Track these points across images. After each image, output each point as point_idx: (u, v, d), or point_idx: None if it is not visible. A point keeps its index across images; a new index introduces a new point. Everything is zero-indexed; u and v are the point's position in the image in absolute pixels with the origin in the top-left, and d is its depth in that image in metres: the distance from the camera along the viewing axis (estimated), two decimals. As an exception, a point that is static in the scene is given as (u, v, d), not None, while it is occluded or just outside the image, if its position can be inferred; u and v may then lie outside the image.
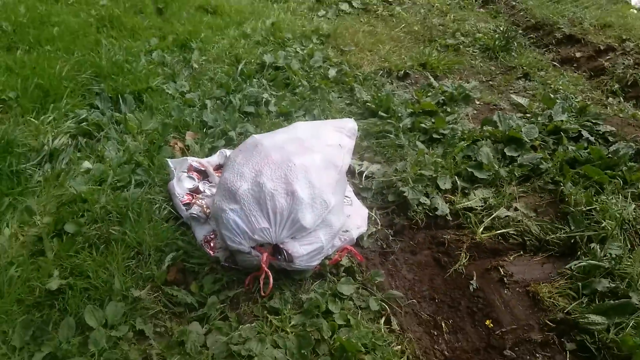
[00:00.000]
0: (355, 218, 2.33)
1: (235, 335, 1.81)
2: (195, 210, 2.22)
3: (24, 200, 2.39)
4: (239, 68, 3.54)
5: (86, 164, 2.62)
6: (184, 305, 1.94)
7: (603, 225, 2.27)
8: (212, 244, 2.15)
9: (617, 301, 1.95)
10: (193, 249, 2.15)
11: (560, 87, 3.60)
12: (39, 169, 2.60)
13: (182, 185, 2.37)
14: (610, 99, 3.59)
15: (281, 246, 1.93)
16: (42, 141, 2.75)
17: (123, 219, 2.25)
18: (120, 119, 2.94)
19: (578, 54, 4.17)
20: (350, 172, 2.70)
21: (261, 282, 1.93)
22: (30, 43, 3.77)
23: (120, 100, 3.08)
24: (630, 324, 1.89)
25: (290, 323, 1.88)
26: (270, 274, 1.91)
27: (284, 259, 1.95)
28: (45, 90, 3.15)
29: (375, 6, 4.80)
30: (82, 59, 3.52)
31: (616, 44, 4.09)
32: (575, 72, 3.98)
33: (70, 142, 2.78)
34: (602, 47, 4.11)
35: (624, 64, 3.83)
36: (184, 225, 2.27)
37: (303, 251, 1.93)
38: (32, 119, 2.92)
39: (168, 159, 2.55)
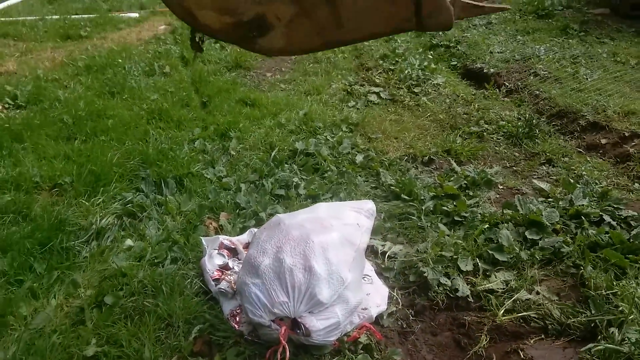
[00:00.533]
0: (375, 296, 2.42)
1: (254, 407, 1.89)
2: (223, 285, 2.38)
3: (70, 274, 2.61)
4: (272, 154, 3.82)
5: (128, 242, 2.85)
6: (208, 376, 2.05)
7: (621, 309, 2.28)
8: (237, 319, 2.27)
9: (636, 386, 1.94)
10: (219, 322, 2.28)
11: (584, 173, 3.68)
12: (86, 246, 2.85)
13: (213, 261, 2.54)
14: (637, 184, 3.63)
15: (299, 320, 2.04)
16: (91, 221, 3.03)
17: (157, 292, 2.42)
18: (162, 201, 3.21)
19: (603, 141, 4.26)
20: (373, 252, 2.82)
21: (279, 355, 2.02)
22: (87, 134, 4.19)
23: (163, 184, 3.37)
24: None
25: (307, 397, 1.95)
26: (287, 347, 2.01)
27: (302, 333, 2.05)
28: (97, 175, 3.48)
29: (402, 97, 5.10)
30: (131, 148, 3.88)
31: (640, 131, 4.17)
32: (601, 159, 4.05)
33: (115, 222, 3.04)
34: (627, 134, 4.19)
35: (649, 149, 3.90)
36: (213, 299, 2.41)
37: (320, 325, 2.03)
38: (83, 201, 3.23)
39: (202, 237, 2.75)
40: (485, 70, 5.82)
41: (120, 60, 5.99)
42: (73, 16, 8.70)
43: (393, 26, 1.61)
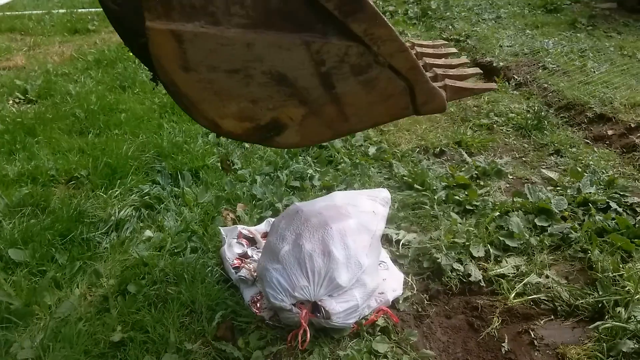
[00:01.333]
0: (391, 282, 2.48)
1: (277, 387, 1.96)
2: (243, 273, 2.45)
3: (92, 264, 2.68)
4: (286, 147, 3.88)
5: (148, 233, 2.92)
6: (232, 359, 2.12)
7: (627, 289, 2.34)
8: (258, 305, 2.34)
9: (644, 363, 2.00)
10: (241, 309, 2.35)
11: (591, 163, 3.73)
12: (106, 237, 2.92)
13: (232, 250, 2.61)
14: (643, 173, 3.69)
15: (319, 303, 2.11)
16: (110, 212, 3.10)
17: (179, 281, 2.49)
18: (178, 193, 3.28)
19: (610, 132, 4.31)
20: (388, 240, 2.88)
21: (299, 337, 2.09)
22: (100, 127, 4.25)
23: (179, 177, 3.44)
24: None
25: (328, 378, 2.02)
26: (308, 329, 2.08)
27: (322, 316, 2.12)
28: (113, 168, 3.55)
29: (412, 90, 5.15)
30: (146, 141, 3.95)
31: (647, 121, 4.22)
32: (607, 149, 4.10)
33: (134, 214, 3.11)
34: (633, 125, 4.24)
35: (655, 139, 3.95)
36: (233, 287, 2.48)
37: (340, 308, 2.10)
38: (101, 194, 3.30)
39: (220, 227, 2.82)
40: (494, 64, 5.86)
41: (130, 54, 6.04)
42: (80, 10, 8.75)
43: (393, 115, 1.80)
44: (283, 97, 1.63)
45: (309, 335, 2.08)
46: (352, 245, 2.14)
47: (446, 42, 2.53)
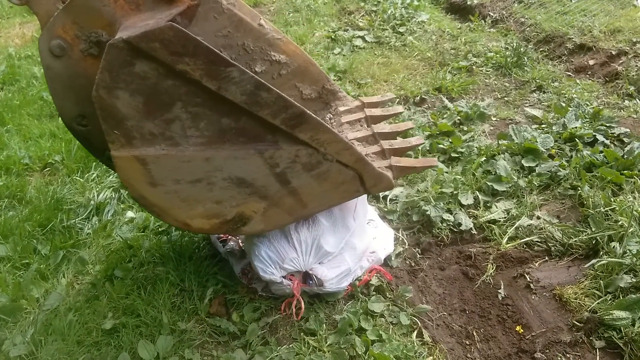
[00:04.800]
0: (382, 239, 2.44)
1: (275, 358, 1.94)
2: (231, 245, 2.39)
3: (76, 252, 2.62)
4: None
5: (130, 214, 2.84)
6: (228, 334, 2.09)
7: (620, 223, 2.32)
8: (249, 276, 2.30)
9: (639, 295, 2.00)
10: (232, 282, 2.31)
11: (575, 96, 3.67)
12: (87, 222, 2.84)
13: (217, 224, 2.54)
14: (627, 101, 3.64)
15: (310, 272, 2.07)
16: (88, 197, 3.01)
17: (166, 260, 2.43)
18: (157, 169, 3.17)
19: (591, 62, 4.24)
20: (375, 197, 2.83)
21: (293, 308, 2.07)
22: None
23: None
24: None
25: (326, 343, 2.00)
26: (301, 299, 2.05)
27: (314, 284, 2.09)
28: (87, 150, 3.42)
29: (387, 38, 5.00)
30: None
31: (628, 48, 4.14)
32: (590, 80, 4.04)
33: (113, 195, 3.02)
34: (614, 52, 4.17)
35: (637, 65, 3.88)
36: (223, 260, 2.43)
37: (331, 274, 2.07)
38: (77, 178, 3.20)
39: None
40: (468, 2, 5.70)
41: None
42: (37, -11, 8.34)
43: (347, 197, 1.96)
44: (244, 196, 1.80)
45: (303, 305, 2.05)
46: (336, 209, 2.09)
47: (394, 97, 2.62)
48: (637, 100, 3.61)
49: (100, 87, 1.49)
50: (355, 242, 2.13)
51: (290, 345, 2.00)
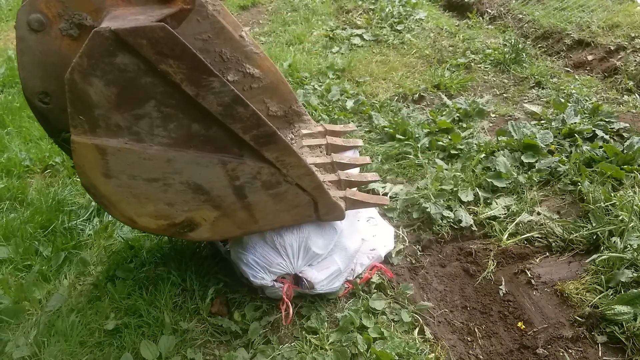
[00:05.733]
0: (382, 237, 2.45)
1: (277, 357, 1.94)
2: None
3: (78, 253, 2.62)
4: (262, 110, 3.77)
5: (130, 214, 2.84)
6: (229, 333, 2.09)
7: (621, 218, 2.33)
8: (250, 275, 2.30)
9: (641, 290, 2.00)
10: (233, 282, 2.31)
11: (574, 91, 3.68)
12: (88, 224, 2.84)
13: (218, 223, 2.55)
14: (626, 96, 3.64)
15: (300, 275, 2.08)
16: (89, 198, 3.01)
17: (167, 260, 2.43)
18: (157, 170, 3.18)
19: (590, 57, 4.24)
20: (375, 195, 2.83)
21: (282, 312, 2.07)
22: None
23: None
24: (657, 310, 1.93)
25: (328, 341, 2.00)
26: (290, 304, 2.06)
27: (305, 287, 2.10)
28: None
29: (385, 36, 5.01)
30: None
31: (626, 43, 4.14)
32: (589, 75, 4.05)
33: (114, 196, 3.02)
34: (612, 48, 4.17)
35: (635, 60, 3.89)
36: (223, 260, 2.43)
37: (321, 276, 2.08)
38: (78, 179, 3.19)
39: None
40: (466, 0, 5.70)
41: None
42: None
43: (298, 221, 1.99)
44: (198, 203, 1.79)
45: (292, 310, 2.06)
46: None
47: (355, 128, 2.70)
48: (636, 95, 3.61)
49: (75, 70, 1.47)
50: (346, 243, 2.14)
51: (292, 344, 2.00)
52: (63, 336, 2.14)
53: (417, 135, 3.28)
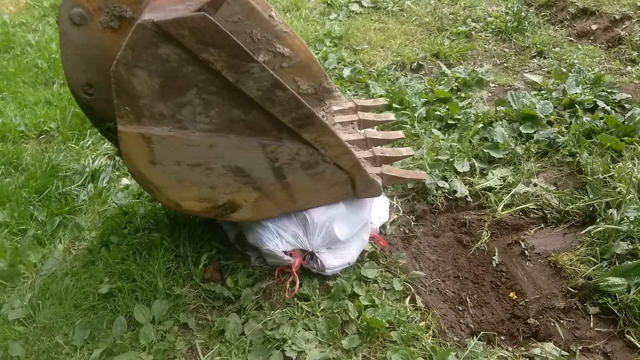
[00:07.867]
0: (377, 209, 2.44)
1: (269, 322, 1.96)
2: (225, 212, 2.39)
3: (72, 218, 2.62)
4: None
5: (125, 181, 2.84)
6: (222, 299, 2.10)
7: (619, 190, 2.31)
8: (243, 243, 2.30)
9: (635, 261, 2.00)
10: (226, 248, 2.32)
11: (576, 61, 3.61)
12: (83, 189, 2.84)
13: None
14: (629, 67, 3.59)
15: (317, 255, 2.08)
16: (84, 164, 3.00)
17: (161, 227, 2.43)
18: (152, 136, 3.15)
19: (594, 26, 4.16)
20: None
21: (287, 285, 2.08)
22: (64, 77, 4.05)
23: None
24: (650, 283, 1.94)
25: (319, 307, 2.02)
26: (297, 279, 2.06)
27: (316, 267, 2.10)
28: (81, 118, 3.40)
29: (384, 3, 4.90)
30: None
31: (632, 12, 4.05)
32: (592, 45, 3.97)
33: (108, 163, 3.01)
34: (617, 17, 4.08)
35: (640, 31, 3.82)
36: (217, 227, 2.43)
37: (336, 263, 2.09)
38: (72, 145, 3.18)
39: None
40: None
41: None
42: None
43: (336, 199, 2.01)
44: (239, 185, 1.84)
45: (297, 285, 2.06)
46: (355, 203, 2.09)
47: (386, 102, 2.70)
48: (639, 65, 3.55)
49: (121, 63, 1.51)
50: (364, 235, 2.15)
51: (284, 310, 2.01)
52: (58, 299, 2.16)
53: (414, 105, 3.24)
